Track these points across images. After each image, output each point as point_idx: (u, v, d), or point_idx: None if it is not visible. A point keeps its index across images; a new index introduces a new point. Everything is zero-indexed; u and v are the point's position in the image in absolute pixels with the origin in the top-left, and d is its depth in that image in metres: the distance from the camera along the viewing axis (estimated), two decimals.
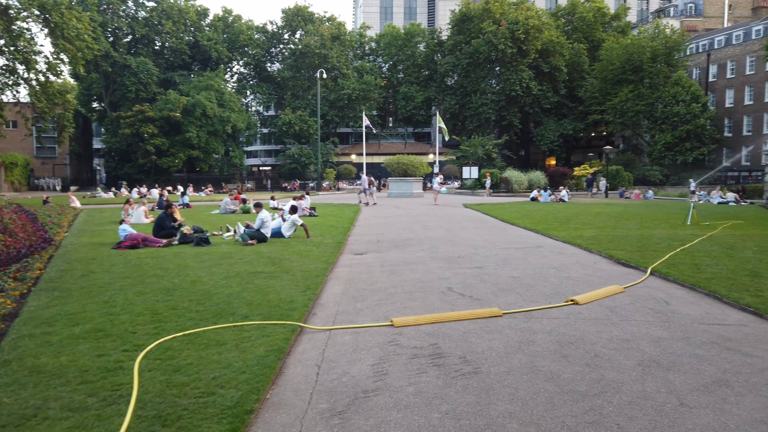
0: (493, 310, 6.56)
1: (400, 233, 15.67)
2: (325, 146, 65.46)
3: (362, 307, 7.08)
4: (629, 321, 6.19)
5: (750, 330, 5.86)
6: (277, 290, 7.73)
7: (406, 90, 68.83)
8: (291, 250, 11.82)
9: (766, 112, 55.81)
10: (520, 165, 61.97)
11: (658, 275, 8.89)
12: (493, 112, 62.15)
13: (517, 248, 12.31)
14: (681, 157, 55.24)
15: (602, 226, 16.40)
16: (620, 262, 10.25)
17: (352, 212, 23.70)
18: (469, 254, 11.43)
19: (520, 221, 18.57)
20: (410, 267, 9.98)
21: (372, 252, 12.22)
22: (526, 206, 26.06)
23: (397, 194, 38.07)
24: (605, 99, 58.59)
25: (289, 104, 66.50)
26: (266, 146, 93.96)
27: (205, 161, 59.10)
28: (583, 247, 12.21)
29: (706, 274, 8.62)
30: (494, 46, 60.08)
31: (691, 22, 77.05)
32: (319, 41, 64.57)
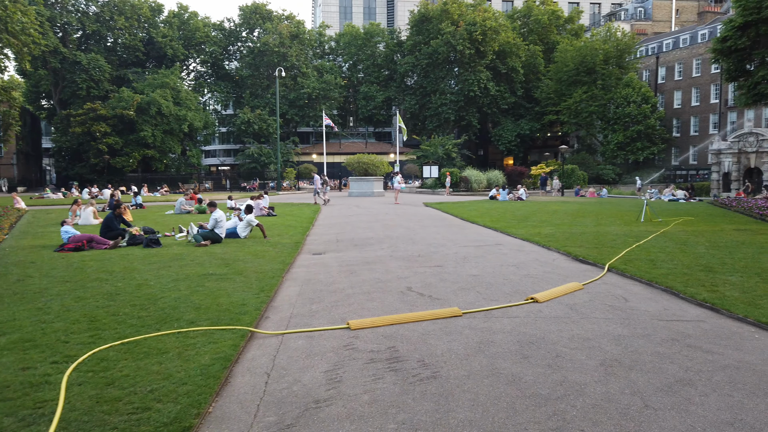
0: (452, 310, 6.37)
1: (360, 232, 15.41)
2: (286, 145, 64.56)
3: (318, 309, 6.79)
4: (589, 319, 6.10)
5: (708, 326, 5.85)
6: (229, 293, 7.35)
7: (366, 90, 68.60)
8: (246, 251, 11.40)
9: (712, 112, 58.09)
10: (479, 164, 62.65)
11: (616, 272, 8.91)
12: (453, 113, 62.63)
13: (477, 246, 12.22)
14: (632, 156, 56.92)
15: (559, 224, 16.56)
16: (578, 259, 10.27)
17: (311, 212, 23.30)
18: (429, 253, 11.27)
19: (479, 219, 18.58)
20: (369, 266, 9.73)
21: (331, 252, 11.92)
22: (486, 205, 26.22)
23: (358, 193, 37.80)
24: (560, 100, 59.82)
25: (248, 103, 65.31)
26: (225, 145, 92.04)
27: (161, 161, 57.37)
28: (542, 245, 12.23)
29: (662, 270, 8.68)
30: (453, 47, 60.55)
31: (641, 25, 79.52)
32: (277, 39, 63.62)
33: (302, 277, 8.91)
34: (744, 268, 8.69)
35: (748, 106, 44.20)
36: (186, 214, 22.16)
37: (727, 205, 22.81)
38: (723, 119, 56.89)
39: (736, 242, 11.80)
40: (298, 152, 68.49)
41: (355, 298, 7.31)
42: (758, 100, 39.70)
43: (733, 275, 8.12)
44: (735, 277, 8.01)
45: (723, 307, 6.41)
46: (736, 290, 7.16)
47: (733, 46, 37.59)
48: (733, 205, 21.70)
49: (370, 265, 9.93)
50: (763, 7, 35.20)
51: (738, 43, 37.24)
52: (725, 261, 9.30)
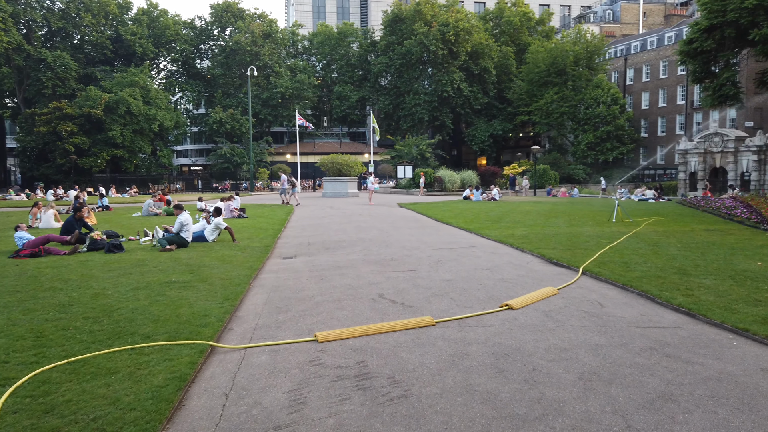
0: (425, 319, 6.12)
1: (332, 235, 15.09)
2: (258, 145, 63.72)
3: (285, 319, 6.46)
4: (565, 327, 5.92)
5: (686, 333, 5.72)
6: (191, 303, 6.97)
7: (340, 89, 68.17)
8: (213, 256, 10.98)
9: (678, 113, 59.33)
10: (453, 164, 62.81)
11: (590, 275, 8.80)
12: (426, 113, 62.66)
13: (451, 249, 12.03)
14: (602, 156, 57.76)
15: (533, 225, 16.50)
16: (552, 262, 10.14)
17: (284, 213, 22.86)
18: (402, 256, 11.02)
19: (453, 220, 18.43)
20: (340, 272, 9.44)
21: (302, 255, 11.58)
22: (459, 205, 26.14)
23: (332, 194, 37.42)
24: (532, 100, 60.37)
25: (220, 102, 64.27)
26: (197, 145, 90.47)
27: (130, 161, 56.00)
28: (516, 247, 12.10)
29: (636, 273, 8.59)
30: (426, 48, 60.58)
31: (610, 28, 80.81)
32: (250, 38, 62.73)
33: (270, 284, 8.57)
34: (717, 270, 8.66)
35: (714, 107, 45.21)
36: (154, 217, 21.49)
37: (695, 204, 23.16)
38: (689, 120, 58.15)
39: (707, 243, 11.85)
40: (272, 152, 67.71)
41: (325, 306, 7.01)
42: (723, 102, 40.57)
43: (707, 278, 8.07)
44: (709, 279, 7.95)
45: (699, 312, 6.30)
46: (711, 294, 7.08)
47: (699, 48, 38.33)
48: (701, 205, 22.03)
49: (342, 270, 9.63)
50: (727, 11, 35.96)
51: (704, 45, 37.98)
52: (698, 263, 9.27)
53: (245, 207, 24.81)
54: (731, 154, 39.40)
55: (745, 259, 9.63)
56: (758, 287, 7.39)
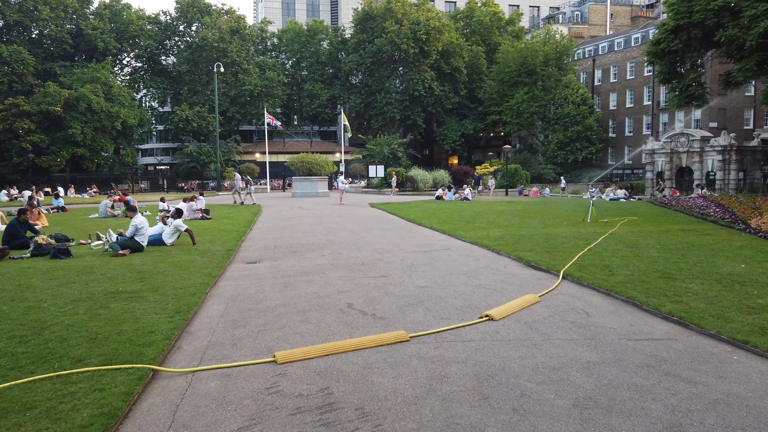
0: (398, 334, 5.53)
1: (300, 237, 14.40)
2: (226, 144, 62.33)
3: (242, 335, 5.79)
4: (552, 341, 5.40)
5: (681, 345, 5.26)
6: (136, 317, 6.23)
7: (310, 87, 67.21)
8: (169, 261, 10.19)
9: (645, 114, 60.27)
10: (425, 164, 62.54)
11: (572, 279, 8.35)
12: (398, 112, 62.24)
13: (425, 252, 11.48)
14: (572, 156, 58.28)
15: (507, 225, 16.10)
16: (530, 265, 9.69)
17: (251, 214, 22.01)
18: (374, 260, 10.42)
19: (426, 221, 17.93)
20: (307, 278, 8.78)
21: (267, 260, 10.87)
22: (432, 205, 25.67)
23: (302, 194, 36.58)
24: (502, 100, 60.54)
25: (186, 100, 62.62)
26: (163, 144, 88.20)
27: (92, 160, 54.00)
28: (492, 249, 11.63)
29: (620, 277, 8.18)
30: (397, 46, 60.15)
31: (578, 29, 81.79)
32: (217, 34, 61.26)
33: (229, 293, 7.86)
34: (702, 273, 8.31)
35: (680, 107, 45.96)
36: (111, 218, 20.40)
37: (666, 204, 23.19)
38: (656, 120, 59.11)
39: (685, 244, 11.58)
40: (240, 151, 66.35)
41: (288, 318, 6.35)
42: (689, 102, 41.16)
43: (693, 282, 7.69)
44: (695, 284, 7.57)
45: (691, 321, 5.87)
46: (700, 300, 6.68)
47: (666, 48, 38.77)
48: (672, 205, 22.04)
49: (309, 276, 8.98)
50: (693, 12, 36.44)
51: (671, 46, 38.43)
52: (681, 266, 8.92)
53: (210, 208, 23.89)
54: (697, 153, 40.00)
55: (728, 262, 9.33)
56: (748, 292, 7.03)
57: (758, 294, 6.93)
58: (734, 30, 34.53)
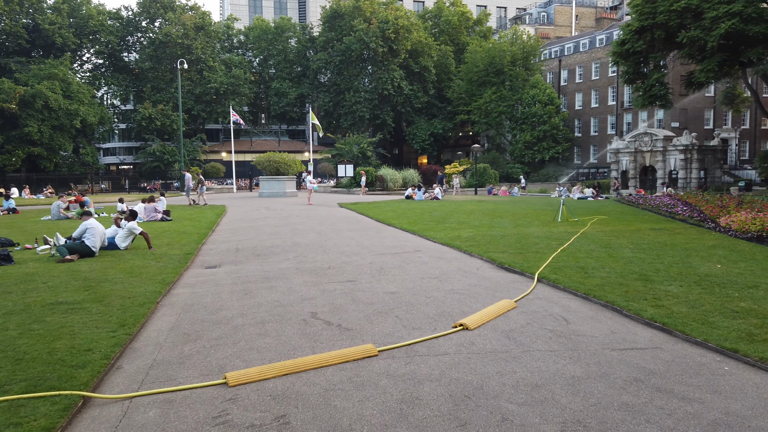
0: (366, 348, 5.04)
1: (265, 239, 13.77)
2: (191, 143, 60.77)
3: (192, 351, 5.22)
4: (532, 352, 5.00)
5: (668, 355, 4.93)
6: (74, 332, 5.59)
7: (278, 86, 66.12)
8: (120, 267, 9.48)
9: (610, 114, 61.25)
10: (394, 163, 62.24)
11: (547, 282, 8.01)
12: (367, 111, 61.76)
13: (394, 254, 11.03)
14: (539, 155, 58.81)
15: (478, 225, 15.79)
16: (503, 267, 9.33)
17: (214, 215, 21.20)
18: (341, 264, 9.92)
19: (396, 221, 17.49)
20: (269, 284, 8.22)
21: (227, 264, 10.26)
22: (402, 205, 25.26)
23: (269, 194, 35.74)
24: (471, 100, 60.68)
25: (149, 97, 60.80)
26: (126, 143, 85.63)
27: (49, 159, 51.87)
28: (463, 250, 11.25)
29: (596, 280, 7.87)
30: (366, 45, 59.66)
31: (544, 29, 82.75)
32: (181, 30, 59.61)
33: (183, 302, 7.25)
34: (679, 275, 8.07)
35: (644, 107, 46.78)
36: (65, 221, 19.33)
37: (634, 202, 23.30)
38: (620, 120, 60.14)
39: (658, 243, 11.41)
40: (206, 150, 64.84)
41: (245, 331, 5.80)
42: (653, 102, 41.86)
43: (672, 284, 7.43)
44: (674, 286, 7.31)
45: (675, 327, 5.56)
46: (682, 304, 6.40)
47: (631, 49, 39.29)
48: (640, 203, 22.14)
49: (271, 281, 8.41)
50: (657, 13, 37.00)
51: (635, 47, 38.96)
52: (658, 267, 8.68)
53: (172, 209, 23.00)
54: (660, 153, 40.69)
55: (703, 262, 9.15)
56: (729, 295, 6.78)
57: (739, 297, 6.70)
58: (696, 31, 35.17)
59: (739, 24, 32.41)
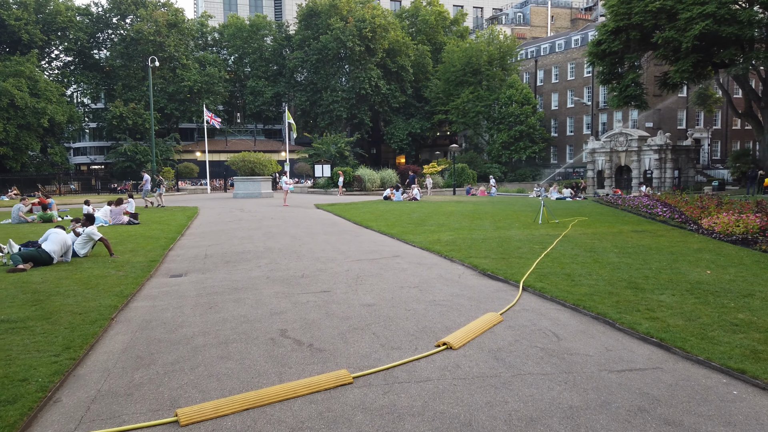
0: (339, 375, 4.52)
1: (236, 244, 13.14)
2: (165, 143, 59.41)
3: (143, 379, 4.64)
4: (523, 376, 4.54)
5: (670, 377, 4.52)
6: (11, 357, 4.96)
7: (254, 84, 65.06)
8: (76, 278, 8.79)
9: (585, 114, 61.73)
10: (372, 163, 61.77)
11: (533, 291, 7.58)
12: (344, 110, 61.14)
13: (372, 260, 10.52)
14: (516, 155, 58.96)
15: (458, 228, 15.37)
16: (486, 274, 8.89)
17: (185, 217, 20.42)
18: (316, 271, 9.37)
19: (374, 224, 16.99)
20: (237, 296, 7.64)
21: (194, 272, 9.63)
22: (380, 206, 24.75)
23: (244, 195, 34.90)
24: (449, 99, 60.54)
25: (121, 96, 59.24)
26: (98, 142, 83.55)
27: (15, 159, 50.11)
28: (444, 255, 10.80)
29: (584, 288, 7.48)
30: (342, 43, 59.04)
31: (521, 30, 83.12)
32: (153, 27, 58.20)
33: (141, 317, 6.64)
34: (670, 282, 7.72)
35: (619, 107, 47.14)
36: (26, 224, 18.37)
37: (612, 203, 23.18)
38: (595, 120, 60.65)
39: (643, 247, 11.11)
40: (180, 150, 63.49)
41: (206, 353, 5.23)
42: (628, 102, 42.17)
43: (664, 293, 7.06)
44: (666, 296, 6.95)
45: (674, 344, 5.16)
46: (677, 316, 6.02)
47: (607, 49, 39.45)
48: (619, 204, 22.00)
49: (239, 293, 7.83)
50: (632, 14, 37.18)
51: (611, 47, 39.13)
52: (646, 274, 8.33)
53: (142, 211, 22.18)
54: (635, 152, 40.97)
55: (691, 267, 8.84)
56: (724, 305, 6.44)
57: (736, 307, 6.36)
58: (671, 32, 35.44)
59: (713, 25, 32.72)
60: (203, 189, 47.55)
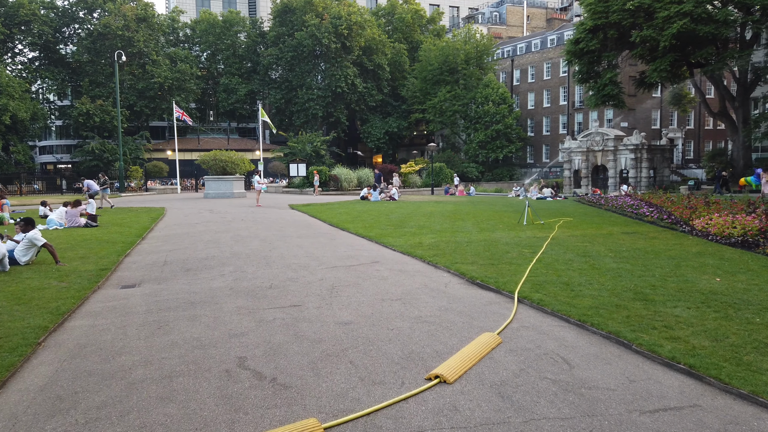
0: (307, 426, 3.58)
1: (200, 249, 12.06)
2: (134, 141, 57.45)
3: (55, 430, 3.64)
4: (538, 422, 3.67)
5: (714, 419, 3.69)
6: None
7: (227, 82, 63.47)
8: (9, 291, 7.66)
9: (561, 113, 61.74)
10: (349, 162, 60.78)
11: (530, 304, 6.75)
12: (320, 108, 59.99)
13: (349, 267, 9.59)
14: (493, 154, 58.64)
15: (440, 230, 14.53)
16: (475, 283, 8.03)
17: (150, 219, 19.19)
18: (286, 281, 8.40)
19: (351, 226, 16.05)
20: (193, 312, 6.63)
21: (149, 282, 8.58)
22: (357, 206, 23.79)
23: (215, 195, 33.58)
24: (426, 98, 59.97)
25: (87, 92, 57.10)
26: (65, 141, 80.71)
27: None
28: (427, 261, 9.92)
29: (587, 299, 6.67)
30: (318, 40, 57.93)
31: (497, 29, 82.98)
32: (121, 22, 56.20)
33: (74, 341, 5.59)
34: (680, 292, 6.96)
35: (597, 107, 47.02)
36: None
37: (595, 203, 22.65)
38: (571, 120, 60.68)
39: (639, 251, 10.40)
40: (150, 148, 61.56)
41: (143, 392, 4.25)
42: (606, 101, 41.99)
43: (677, 306, 6.29)
44: (681, 308, 6.17)
45: (707, 372, 4.36)
46: (700, 335, 5.23)
47: (585, 48, 39.17)
48: (602, 204, 21.46)
49: (196, 308, 6.83)
50: (610, 12, 36.95)
51: (589, 45, 38.84)
52: (652, 282, 7.56)
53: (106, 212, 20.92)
54: (611, 152, 40.82)
55: (698, 274, 8.12)
56: (749, 320, 5.69)
57: (762, 322, 5.60)
58: (649, 30, 35.28)
59: (690, 24, 32.62)
60: (173, 189, 45.91)
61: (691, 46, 35.42)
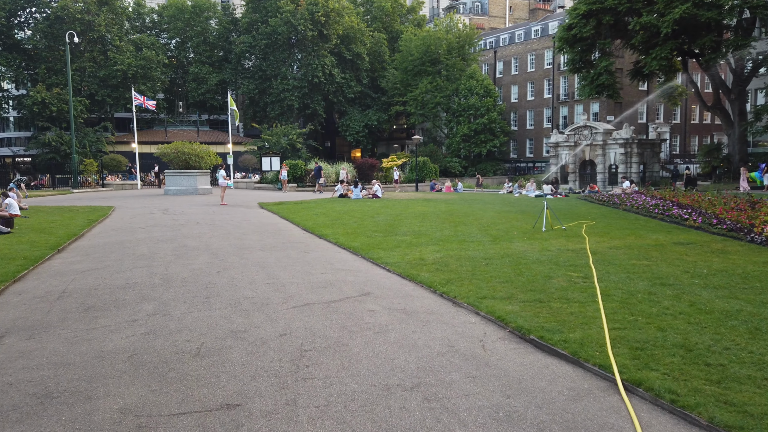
0: None
1: (126, 268, 8.91)
2: (95, 132, 53.31)
3: None
4: None
5: None
6: None
7: (197, 71, 59.58)
8: None
9: (545, 107, 59.47)
10: (326, 156, 57.53)
11: (652, 400, 3.83)
12: (296, 100, 56.57)
13: (328, 304, 6.56)
14: (477, 149, 56.18)
15: (442, 239, 11.56)
16: (530, 340, 5.08)
17: (86, 221, 15.84)
18: (226, 338, 5.33)
19: (329, 231, 13.02)
20: (56, 407, 3.56)
21: (16, 333, 5.48)
22: (336, 206, 20.60)
23: (177, 191, 30.17)
24: (406, 90, 57.24)
25: (44, 80, 52.75)
26: (23, 133, 75.61)
27: None
28: (440, 292, 6.94)
29: (746, 393, 3.78)
30: (294, 28, 54.46)
31: (479, 20, 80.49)
32: (80, 5, 51.95)
33: None
34: None
35: (590, 97, 44.67)
36: None
37: (607, 202, 19.91)
38: (556, 113, 58.40)
39: (725, 273, 7.54)
40: (113, 141, 57.40)
41: None
42: (600, 92, 39.65)
43: None
44: None
45: None
46: None
47: (578, 34, 36.61)
48: (617, 203, 18.70)
49: (46, 408, 3.75)
50: None
51: (583, 32, 36.31)
52: None
53: (41, 208, 17.54)
54: (600, 146, 38.46)
55: None
56: None
57: None
58: (649, 17, 32.88)
59: (692, 9, 30.33)
60: (132, 184, 42.10)
61: (689, 36, 33.34)
